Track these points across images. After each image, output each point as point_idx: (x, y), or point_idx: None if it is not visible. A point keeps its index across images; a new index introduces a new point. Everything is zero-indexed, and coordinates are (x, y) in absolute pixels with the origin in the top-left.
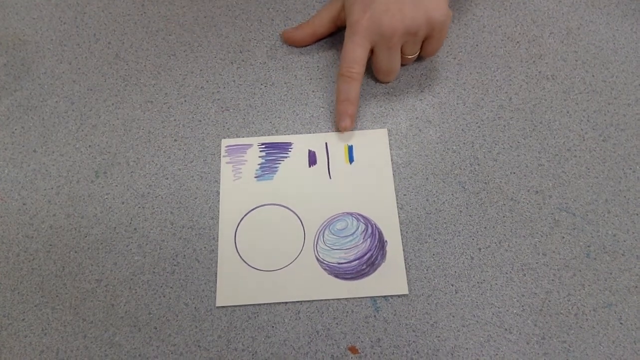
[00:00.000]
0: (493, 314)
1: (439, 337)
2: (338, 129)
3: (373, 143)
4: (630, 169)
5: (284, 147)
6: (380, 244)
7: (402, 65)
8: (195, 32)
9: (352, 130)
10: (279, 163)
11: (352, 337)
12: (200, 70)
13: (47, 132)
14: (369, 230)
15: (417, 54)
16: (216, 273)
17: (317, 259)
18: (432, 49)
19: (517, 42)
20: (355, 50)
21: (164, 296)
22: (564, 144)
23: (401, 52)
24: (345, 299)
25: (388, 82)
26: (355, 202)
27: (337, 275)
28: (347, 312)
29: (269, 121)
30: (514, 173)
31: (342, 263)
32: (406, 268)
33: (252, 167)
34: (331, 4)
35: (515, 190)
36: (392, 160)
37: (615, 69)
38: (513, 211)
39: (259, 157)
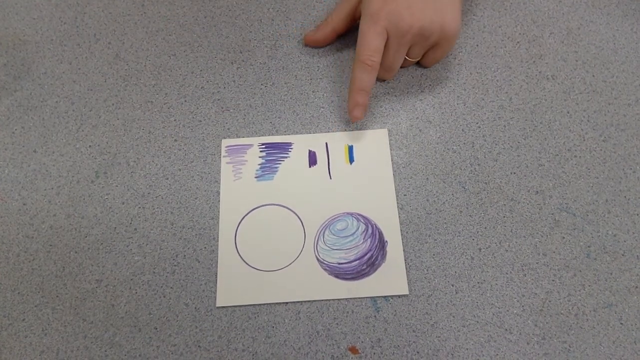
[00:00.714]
0: (493, 314)
1: (439, 337)
2: (350, 118)
3: (373, 143)
4: (631, 169)
5: (284, 147)
6: (380, 244)
7: (401, 66)
8: (195, 32)
9: (362, 120)
10: (279, 163)
11: (352, 338)
12: (201, 70)
13: (47, 132)
14: (369, 231)
15: (418, 59)
16: (216, 273)
17: (318, 259)
18: (434, 58)
19: (518, 42)
20: (376, 39)
21: (164, 296)
22: (564, 144)
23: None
24: (346, 299)
25: (385, 80)
26: (356, 202)
27: (337, 276)
28: (348, 312)
29: (269, 121)
30: (514, 173)
31: (342, 263)
32: (406, 268)
33: (253, 167)
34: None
35: (515, 191)
36: (392, 160)
37: (615, 69)
38: (513, 211)
39: (259, 157)
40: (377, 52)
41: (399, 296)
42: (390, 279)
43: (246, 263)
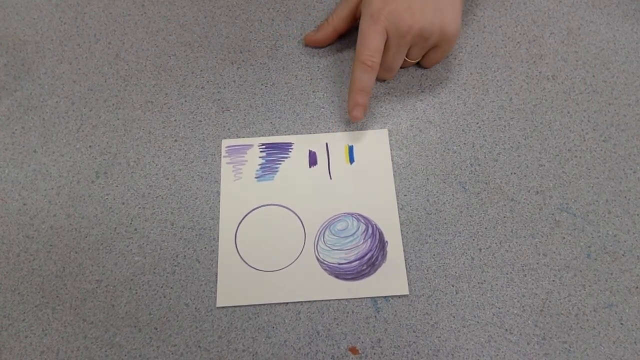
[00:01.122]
0: (494, 314)
1: (439, 337)
2: (350, 118)
3: (373, 143)
4: (631, 169)
5: (285, 148)
6: (380, 245)
7: (401, 67)
8: (195, 32)
9: (362, 120)
10: (280, 163)
11: (352, 338)
12: (201, 70)
13: (48, 132)
14: (370, 231)
15: (417, 60)
16: (216, 273)
17: (318, 260)
18: (434, 59)
19: (518, 42)
20: (376, 39)
21: (165, 297)
22: (564, 144)
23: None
24: (346, 299)
25: (385, 80)
26: (356, 202)
27: (337, 276)
28: (348, 312)
29: (270, 121)
30: (515, 173)
31: (342, 263)
32: (407, 268)
33: (253, 168)
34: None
35: (515, 191)
36: (392, 160)
37: (615, 69)
38: (513, 211)
39: (260, 157)
40: (377, 52)
41: (399, 296)
42: (391, 279)
43: (246, 263)
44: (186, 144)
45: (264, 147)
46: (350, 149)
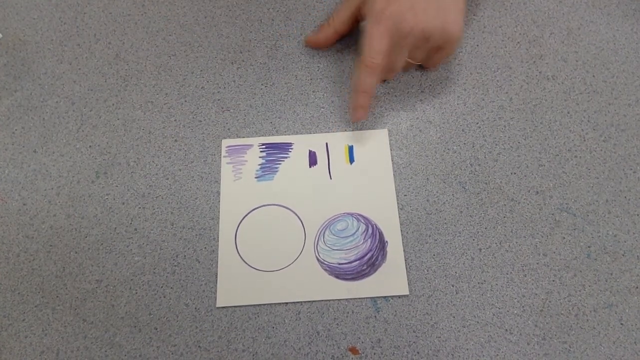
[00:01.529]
0: (494, 314)
1: (439, 337)
2: (351, 119)
3: (373, 143)
4: (631, 169)
5: (285, 148)
6: (380, 245)
7: (403, 69)
8: (195, 32)
9: (364, 120)
10: (280, 163)
11: (352, 338)
12: (201, 70)
13: (48, 132)
14: (370, 231)
15: (419, 62)
16: (216, 273)
17: (318, 260)
18: (436, 60)
19: (518, 42)
20: (381, 41)
21: (164, 297)
22: (564, 144)
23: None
24: (346, 299)
25: (385, 80)
26: (356, 202)
27: (337, 276)
28: (348, 312)
29: (270, 121)
30: (515, 173)
31: (342, 263)
32: (407, 268)
33: (253, 168)
34: (348, 1)
35: (515, 191)
36: (392, 160)
37: (615, 69)
38: (513, 211)
39: (260, 157)
40: (380, 54)
41: (399, 296)
42: (391, 279)
43: (246, 263)
44: (186, 144)
45: (264, 147)
46: (350, 149)
